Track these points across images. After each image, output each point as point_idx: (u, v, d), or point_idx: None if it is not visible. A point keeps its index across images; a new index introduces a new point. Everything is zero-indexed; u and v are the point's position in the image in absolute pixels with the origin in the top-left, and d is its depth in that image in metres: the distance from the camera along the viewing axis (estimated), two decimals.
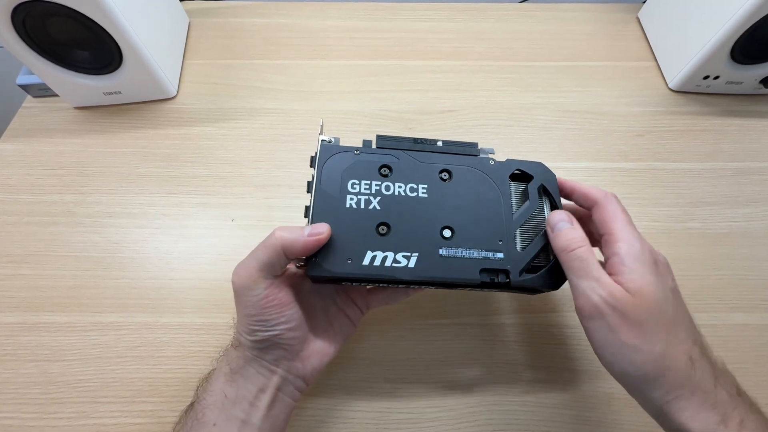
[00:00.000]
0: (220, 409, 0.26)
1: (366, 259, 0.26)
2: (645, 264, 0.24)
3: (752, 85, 0.50)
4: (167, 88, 0.50)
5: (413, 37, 0.58)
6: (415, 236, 0.27)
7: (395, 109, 0.51)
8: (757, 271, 0.41)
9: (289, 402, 0.28)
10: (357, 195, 0.28)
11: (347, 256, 0.26)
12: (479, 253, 0.27)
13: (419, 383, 0.36)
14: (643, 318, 0.23)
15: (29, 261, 0.40)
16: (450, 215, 0.28)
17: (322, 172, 0.28)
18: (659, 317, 0.23)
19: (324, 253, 0.26)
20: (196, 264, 0.41)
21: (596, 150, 0.48)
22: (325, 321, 0.30)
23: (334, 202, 0.27)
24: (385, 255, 0.27)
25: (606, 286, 0.23)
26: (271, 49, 0.56)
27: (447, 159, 0.30)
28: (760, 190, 0.45)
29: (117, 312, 0.38)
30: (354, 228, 0.27)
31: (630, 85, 0.53)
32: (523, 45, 0.57)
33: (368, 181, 0.28)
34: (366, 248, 0.26)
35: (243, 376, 0.26)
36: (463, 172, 0.30)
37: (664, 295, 0.24)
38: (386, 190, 0.28)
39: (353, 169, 0.29)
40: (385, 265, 0.26)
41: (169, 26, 0.53)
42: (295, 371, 0.28)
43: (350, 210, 0.27)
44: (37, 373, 0.35)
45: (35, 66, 0.44)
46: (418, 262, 0.27)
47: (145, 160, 0.47)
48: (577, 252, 0.25)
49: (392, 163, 0.29)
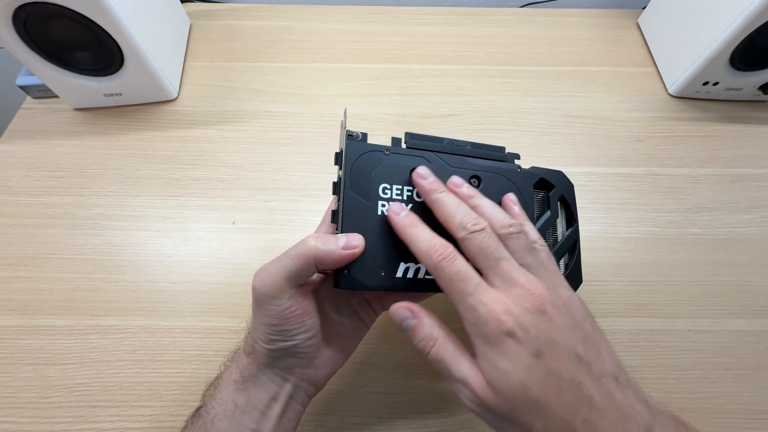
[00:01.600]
0: (230, 419, 0.25)
1: (400, 271, 0.26)
2: (490, 342, 0.21)
3: (751, 91, 0.51)
4: (168, 90, 0.50)
5: (415, 40, 0.58)
6: None
7: (397, 113, 0.51)
8: (757, 277, 0.41)
9: (299, 409, 0.27)
10: (389, 201, 0.27)
11: (380, 268, 0.25)
12: None
13: (422, 389, 0.36)
14: (508, 412, 0.20)
15: (28, 263, 0.40)
16: None
17: (350, 173, 0.26)
18: (525, 405, 0.20)
19: (356, 265, 0.25)
20: (197, 267, 0.40)
21: (596, 155, 0.48)
22: (339, 325, 0.29)
23: (364, 209, 0.26)
24: (418, 267, 0.26)
25: (471, 385, 0.21)
26: (272, 51, 0.56)
27: (476, 164, 0.30)
28: (760, 197, 0.46)
29: (116, 315, 0.38)
30: (386, 238, 0.26)
31: (630, 91, 0.54)
32: (524, 50, 0.57)
33: (400, 186, 0.27)
34: (399, 260, 0.26)
35: (255, 385, 0.25)
36: (491, 179, 0.29)
37: (521, 377, 0.20)
38: (417, 197, 0.27)
39: (384, 172, 0.27)
40: (419, 278, 0.26)
41: (170, 28, 0.53)
42: (308, 378, 0.27)
43: (382, 218, 0.26)
44: (35, 376, 0.35)
45: (36, 67, 0.44)
46: None
47: (146, 162, 0.47)
48: (432, 355, 0.22)
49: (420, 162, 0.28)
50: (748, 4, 0.42)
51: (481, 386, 0.21)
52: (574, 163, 0.48)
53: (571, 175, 0.32)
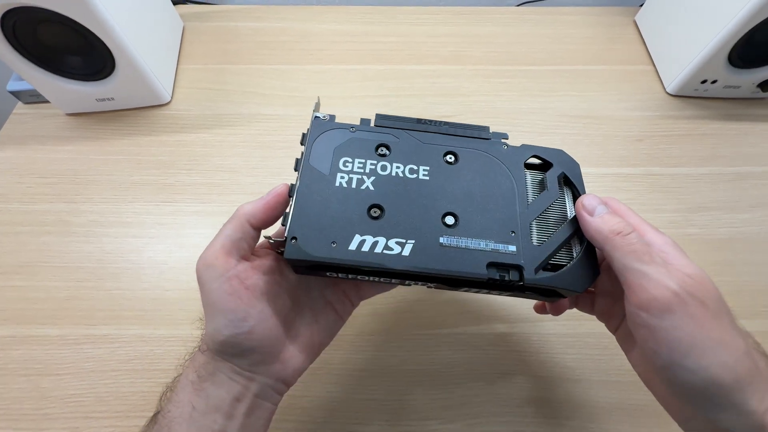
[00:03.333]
0: (188, 421, 0.22)
1: (353, 244, 0.23)
2: (683, 251, 0.21)
3: (750, 89, 0.50)
4: (161, 94, 0.49)
5: (410, 41, 0.57)
6: (411, 222, 0.24)
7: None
8: (757, 277, 0.40)
9: (269, 407, 0.25)
10: (349, 174, 0.25)
11: (331, 239, 0.23)
12: (487, 244, 0.24)
13: (418, 395, 0.35)
14: (716, 307, 0.19)
15: (20, 272, 0.40)
16: (454, 201, 0.25)
17: (312, 149, 0.26)
18: (724, 306, 0.20)
19: (305, 235, 0.23)
20: (192, 274, 0.39)
21: (596, 155, 0.48)
22: (311, 317, 0.27)
23: (322, 180, 0.25)
24: (375, 240, 0.23)
25: (675, 271, 0.19)
26: (266, 53, 0.56)
27: (454, 141, 0.27)
28: (759, 195, 0.45)
29: (111, 324, 0.37)
30: (342, 209, 0.24)
31: (628, 89, 0.53)
32: (521, 49, 0.57)
33: (362, 160, 0.26)
34: (354, 231, 0.23)
35: (214, 384, 0.23)
36: (471, 155, 0.27)
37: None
38: (382, 170, 0.25)
39: (347, 147, 0.26)
40: (375, 252, 0.23)
41: (162, 31, 0.52)
42: (275, 375, 0.24)
43: (340, 189, 0.24)
44: (29, 387, 0.35)
45: (26, 72, 0.43)
46: (414, 250, 0.23)
47: (139, 167, 0.46)
48: (634, 235, 0.21)
49: (391, 142, 0.27)
50: (747, 1, 0.41)
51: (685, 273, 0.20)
52: None
53: None
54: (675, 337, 0.19)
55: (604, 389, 0.35)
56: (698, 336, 0.19)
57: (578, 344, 0.37)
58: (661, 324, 0.19)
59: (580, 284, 0.23)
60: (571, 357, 0.37)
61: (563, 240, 0.24)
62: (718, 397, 0.19)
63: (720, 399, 0.19)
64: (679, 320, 0.19)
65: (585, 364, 0.36)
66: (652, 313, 0.19)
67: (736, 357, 0.19)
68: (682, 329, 0.19)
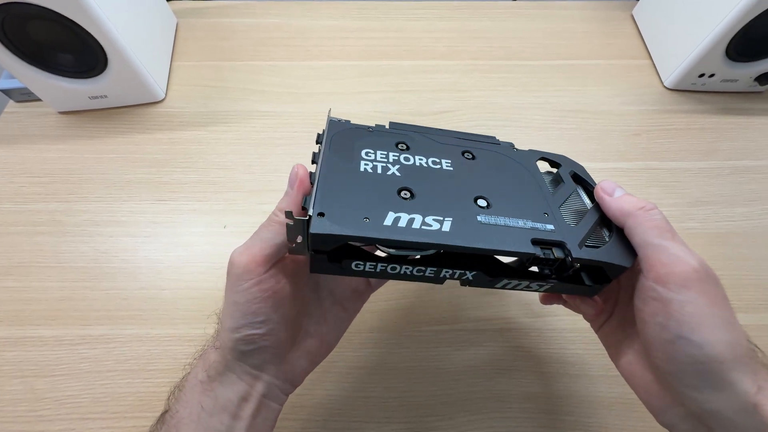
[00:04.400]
0: (196, 422, 0.22)
1: (388, 220, 0.21)
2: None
3: (747, 82, 0.50)
4: (155, 91, 0.49)
5: (407, 36, 0.57)
6: (444, 203, 0.22)
7: (390, 110, 0.50)
8: (755, 271, 0.40)
9: (276, 407, 0.25)
10: (373, 162, 0.24)
11: (363, 215, 0.21)
12: (525, 223, 0.23)
13: (419, 392, 0.35)
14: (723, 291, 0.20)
15: (13, 273, 0.39)
16: (482, 187, 0.24)
17: (331, 141, 0.25)
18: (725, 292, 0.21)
19: (333, 211, 0.20)
20: (188, 273, 0.40)
21: (593, 150, 0.48)
22: (319, 316, 0.27)
23: (346, 166, 0.23)
24: (411, 217, 0.21)
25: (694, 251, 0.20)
26: (261, 49, 0.55)
27: (467, 143, 0.28)
28: (757, 189, 0.45)
29: (106, 324, 0.37)
30: (371, 190, 0.22)
31: (625, 84, 0.53)
32: (518, 44, 0.57)
33: (384, 152, 0.25)
34: (387, 209, 0.21)
35: (222, 384, 0.23)
36: (486, 154, 0.27)
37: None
38: (405, 161, 0.25)
39: (366, 140, 0.26)
40: (413, 227, 0.20)
41: (155, 27, 0.51)
42: (283, 375, 0.25)
43: (365, 173, 0.23)
44: (24, 389, 0.34)
45: (17, 70, 0.42)
46: (453, 226, 0.21)
47: (134, 165, 0.45)
48: (657, 211, 0.22)
49: (409, 141, 0.27)
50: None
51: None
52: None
53: None
54: (688, 311, 0.19)
55: (604, 384, 0.35)
56: (709, 312, 0.19)
57: (577, 339, 0.37)
58: (677, 297, 0.19)
59: (627, 259, 0.23)
60: (571, 352, 0.37)
61: (594, 221, 0.24)
62: (715, 374, 0.19)
63: (717, 376, 0.19)
64: (695, 295, 0.19)
65: (584, 359, 0.36)
66: (669, 288, 0.20)
67: (737, 337, 0.19)
68: (695, 304, 0.19)
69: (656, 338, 0.21)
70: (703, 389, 0.20)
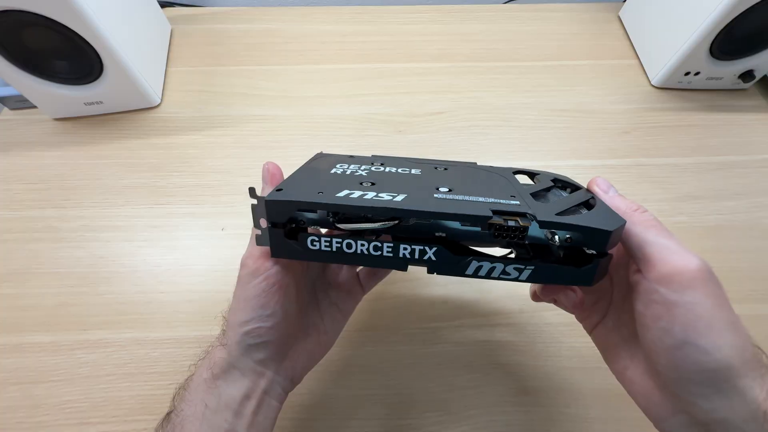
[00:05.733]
0: (201, 420, 0.23)
1: (341, 193, 0.22)
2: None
3: (731, 80, 0.51)
4: (150, 97, 0.49)
5: (399, 39, 0.58)
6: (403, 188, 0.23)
7: (384, 113, 0.51)
8: (744, 263, 0.41)
9: (276, 405, 0.26)
10: (344, 170, 0.26)
11: (319, 191, 0.22)
12: (486, 199, 0.22)
13: (417, 389, 0.35)
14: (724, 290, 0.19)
15: (10, 279, 0.39)
16: (448, 183, 0.25)
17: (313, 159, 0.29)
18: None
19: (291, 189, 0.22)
20: (186, 276, 0.40)
21: (584, 148, 0.49)
22: (316, 316, 0.28)
23: (317, 171, 0.26)
24: (365, 193, 0.22)
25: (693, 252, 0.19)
26: (256, 54, 0.56)
27: (444, 164, 0.29)
28: (744, 183, 0.46)
29: (104, 329, 0.37)
30: (333, 182, 0.24)
31: (614, 83, 0.54)
32: (509, 46, 0.58)
33: (357, 165, 0.27)
34: (343, 188, 0.22)
35: (226, 381, 0.24)
36: (461, 167, 0.29)
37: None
38: (376, 170, 0.27)
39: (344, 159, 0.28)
40: (365, 198, 0.21)
41: (150, 33, 0.52)
42: (284, 372, 0.26)
43: (333, 174, 0.25)
44: (21, 396, 0.34)
45: (11, 77, 0.42)
46: (407, 198, 0.21)
47: (130, 171, 0.46)
48: (651, 213, 0.21)
49: (386, 161, 0.29)
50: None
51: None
52: (562, 157, 0.48)
53: (560, 169, 0.32)
54: (694, 314, 0.18)
55: (601, 377, 0.35)
56: (716, 315, 0.18)
57: (573, 333, 0.38)
58: (681, 299, 0.18)
59: (610, 224, 0.20)
60: (567, 346, 0.37)
61: (573, 203, 0.23)
62: (724, 381, 0.18)
63: (726, 383, 0.18)
64: (700, 297, 0.18)
65: (581, 353, 0.37)
66: (672, 288, 0.18)
67: (744, 341, 0.18)
68: (701, 306, 0.18)
69: (659, 344, 0.19)
70: (711, 397, 0.18)
